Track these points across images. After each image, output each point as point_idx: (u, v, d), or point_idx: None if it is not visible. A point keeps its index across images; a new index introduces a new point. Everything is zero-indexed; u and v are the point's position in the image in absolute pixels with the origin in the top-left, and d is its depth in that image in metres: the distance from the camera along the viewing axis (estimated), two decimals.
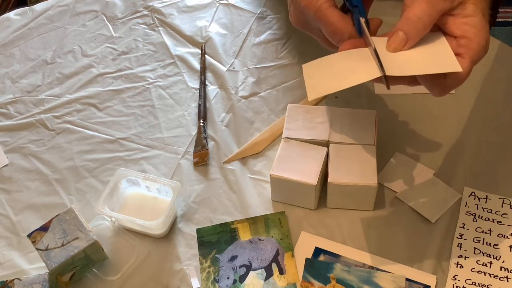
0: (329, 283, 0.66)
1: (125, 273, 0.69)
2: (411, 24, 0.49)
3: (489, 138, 0.78)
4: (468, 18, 0.48)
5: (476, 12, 0.48)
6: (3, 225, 0.76)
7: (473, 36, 0.48)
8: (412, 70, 0.49)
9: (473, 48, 0.49)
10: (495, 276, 0.65)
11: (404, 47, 0.50)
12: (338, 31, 0.55)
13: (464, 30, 0.49)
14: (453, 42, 0.50)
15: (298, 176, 0.69)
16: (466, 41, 0.49)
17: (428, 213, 0.71)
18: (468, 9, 0.48)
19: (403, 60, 0.50)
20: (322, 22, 0.56)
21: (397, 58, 0.50)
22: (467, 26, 0.48)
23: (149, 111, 0.87)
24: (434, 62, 0.50)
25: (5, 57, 0.98)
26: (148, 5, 1.03)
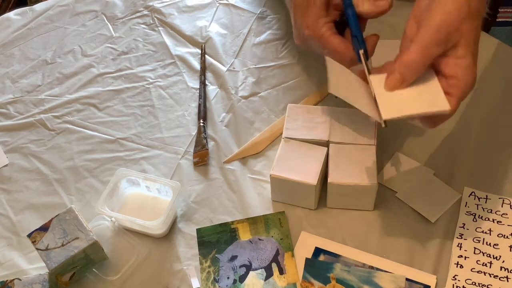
0: (329, 283, 0.66)
1: (125, 273, 0.69)
2: (407, 68, 0.55)
3: (489, 138, 0.78)
4: (459, 60, 0.53)
5: (466, 55, 0.53)
6: (3, 225, 0.76)
7: (461, 76, 0.53)
8: (406, 111, 0.55)
9: (461, 87, 0.54)
10: (495, 276, 0.65)
11: (400, 87, 0.56)
12: (342, 56, 0.61)
13: (455, 71, 0.54)
14: (444, 82, 0.55)
15: (298, 176, 0.69)
16: (455, 81, 0.54)
17: (428, 213, 0.71)
18: (459, 52, 0.53)
19: (397, 100, 0.56)
20: (327, 49, 0.62)
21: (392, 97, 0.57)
22: (457, 67, 0.53)
23: (149, 111, 0.87)
24: (426, 101, 0.55)
25: (5, 57, 0.98)
26: (148, 5, 1.03)
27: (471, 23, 0.53)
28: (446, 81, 0.55)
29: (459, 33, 0.53)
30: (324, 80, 0.88)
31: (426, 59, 0.54)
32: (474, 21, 0.53)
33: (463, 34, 0.53)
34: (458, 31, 0.53)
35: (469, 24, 0.53)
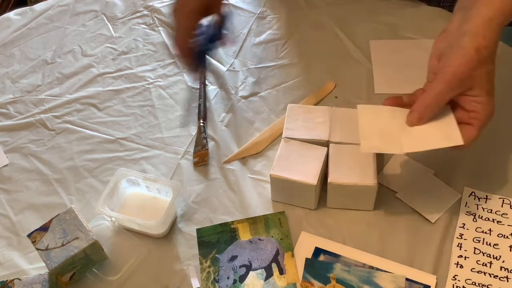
0: (329, 283, 0.66)
1: (125, 273, 0.69)
2: (425, 108, 0.63)
3: (489, 138, 0.78)
4: (475, 98, 0.61)
5: (481, 93, 0.60)
6: (3, 225, 0.76)
7: (480, 111, 0.61)
8: (424, 146, 0.64)
9: (481, 119, 0.62)
10: (495, 276, 0.65)
11: (418, 123, 0.64)
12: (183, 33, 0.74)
13: (473, 106, 0.61)
14: (465, 114, 0.63)
15: (298, 176, 0.69)
16: (475, 114, 0.62)
17: (428, 213, 0.71)
18: (475, 91, 0.61)
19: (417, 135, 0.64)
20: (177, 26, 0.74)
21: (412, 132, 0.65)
22: (475, 103, 0.61)
23: (149, 111, 0.87)
24: (442, 136, 0.63)
25: (5, 57, 0.98)
26: (148, 5, 1.03)
27: (482, 69, 0.60)
28: (467, 114, 0.62)
29: (472, 79, 0.60)
30: (324, 80, 0.88)
31: (441, 102, 0.63)
32: (485, 66, 0.60)
33: (475, 79, 0.60)
34: (471, 78, 0.60)
35: (480, 70, 0.60)
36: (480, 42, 0.59)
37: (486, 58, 0.60)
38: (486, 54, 0.60)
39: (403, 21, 0.93)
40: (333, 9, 0.98)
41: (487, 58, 0.60)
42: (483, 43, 0.59)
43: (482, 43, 0.59)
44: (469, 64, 0.59)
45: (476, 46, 0.59)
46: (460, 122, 0.63)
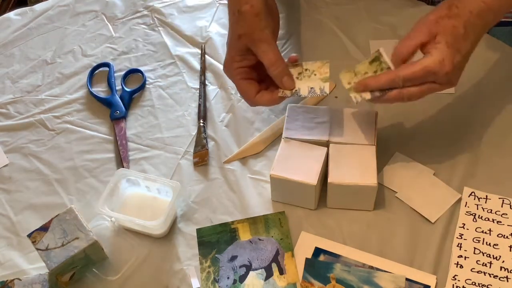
0: (329, 283, 0.66)
1: (125, 273, 0.69)
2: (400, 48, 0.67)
3: (489, 138, 0.78)
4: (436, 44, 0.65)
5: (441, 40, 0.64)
6: (3, 225, 0.76)
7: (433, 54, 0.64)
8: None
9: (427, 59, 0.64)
10: (495, 276, 0.65)
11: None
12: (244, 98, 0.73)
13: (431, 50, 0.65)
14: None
15: (298, 176, 0.69)
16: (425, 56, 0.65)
17: (428, 213, 0.71)
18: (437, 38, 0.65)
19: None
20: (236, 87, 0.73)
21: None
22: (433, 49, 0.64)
23: (149, 111, 0.87)
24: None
25: (5, 57, 0.98)
26: (148, 5, 1.03)
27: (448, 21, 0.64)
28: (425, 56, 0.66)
29: (438, 26, 0.65)
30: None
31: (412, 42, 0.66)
32: (452, 20, 0.64)
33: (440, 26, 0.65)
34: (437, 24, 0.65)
35: (447, 21, 0.65)
36: (453, 3, 0.65)
37: (455, 15, 0.65)
38: (455, 11, 0.65)
39: (403, 21, 0.93)
40: (333, 9, 0.98)
41: (455, 16, 0.65)
42: (456, 3, 0.65)
43: (455, 3, 0.65)
44: (437, 13, 0.66)
45: (449, 4, 0.66)
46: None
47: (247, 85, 0.71)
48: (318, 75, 0.71)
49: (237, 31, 0.69)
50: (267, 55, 0.68)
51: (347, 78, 0.69)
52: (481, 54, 0.89)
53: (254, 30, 0.68)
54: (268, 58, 0.68)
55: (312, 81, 0.70)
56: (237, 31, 0.69)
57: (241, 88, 0.72)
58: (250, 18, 0.68)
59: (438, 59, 0.64)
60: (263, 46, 0.68)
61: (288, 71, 0.70)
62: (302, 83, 0.71)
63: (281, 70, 0.69)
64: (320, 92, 0.70)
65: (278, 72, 0.69)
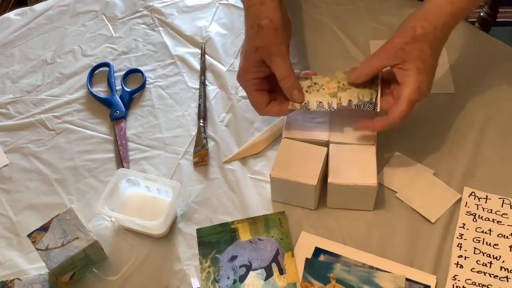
0: (329, 283, 0.66)
1: (125, 273, 0.69)
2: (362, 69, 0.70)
3: (489, 138, 0.78)
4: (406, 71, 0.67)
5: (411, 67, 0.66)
6: (3, 225, 0.76)
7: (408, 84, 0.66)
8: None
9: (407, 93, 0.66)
10: (495, 276, 0.65)
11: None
12: (256, 109, 0.75)
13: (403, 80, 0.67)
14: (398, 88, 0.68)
15: (298, 176, 0.69)
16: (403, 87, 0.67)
17: (428, 213, 0.71)
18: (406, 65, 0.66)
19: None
20: (248, 97, 0.75)
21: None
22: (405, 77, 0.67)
23: (149, 111, 0.87)
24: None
25: (5, 57, 0.98)
26: (148, 5, 1.03)
27: (415, 45, 0.66)
28: (399, 87, 0.68)
29: (404, 52, 0.66)
30: None
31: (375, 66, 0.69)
32: (418, 43, 0.66)
33: (407, 53, 0.66)
34: (402, 50, 0.66)
35: (413, 46, 0.66)
36: (418, 23, 0.66)
37: (420, 37, 0.65)
38: (420, 32, 0.65)
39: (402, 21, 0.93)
40: (333, 9, 0.98)
41: (420, 38, 0.65)
42: (421, 24, 0.66)
43: (420, 24, 0.66)
44: (402, 38, 0.66)
45: (413, 24, 0.66)
46: (395, 95, 0.69)
47: (259, 96, 0.74)
48: (327, 89, 0.72)
49: (254, 44, 0.71)
50: (280, 69, 0.71)
51: (341, 78, 0.72)
52: (481, 54, 0.89)
53: (272, 44, 0.70)
54: (281, 72, 0.71)
55: (320, 95, 0.72)
56: (255, 43, 0.71)
57: (253, 98, 0.74)
58: (269, 32, 0.70)
59: (415, 89, 0.66)
60: (278, 60, 0.70)
61: (298, 85, 0.72)
62: (311, 96, 0.72)
63: (291, 84, 0.71)
64: (328, 107, 0.72)
65: (289, 86, 0.71)
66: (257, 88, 0.73)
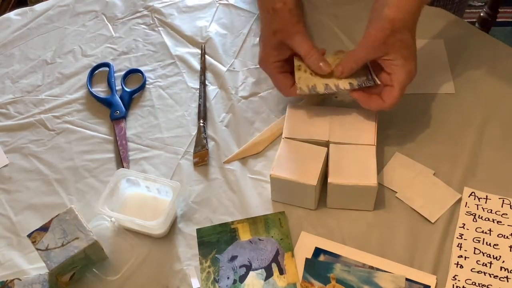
0: (329, 283, 0.66)
1: (125, 273, 0.69)
2: (347, 65, 0.72)
3: (489, 138, 0.78)
4: (392, 61, 0.69)
5: (397, 57, 0.69)
6: (3, 225, 0.76)
7: (397, 72, 0.69)
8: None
9: (398, 79, 0.69)
10: (495, 276, 0.65)
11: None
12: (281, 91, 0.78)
13: (392, 69, 0.70)
14: (387, 77, 0.71)
15: (298, 176, 0.69)
16: (394, 76, 0.70)
17: (428, 213, 0.71)
18: (391, 56, 0.69)
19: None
20: (272, 80, 0.78)
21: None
22: (393, 66, 0.69)
23: (149, 111, 0.87)
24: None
25: (5, 57, 0.98)
26: (148, 5, 1.03)
27: (395, 37, 0.68)
28: (389, 76, 0.70)
29: (386, 45, 0.68)
30: None
31: (360, 62, 0.71)
32: (398, 35, 0.68)
33: (389, 45, 0.68)
34: (385, 44, 0.68)
35: (393, 38, 0.68)
36: (395, 14, 0.68)
37: (400, 28, 0.68)
38: (399, 25, 0.68)
39: None
40: (333, 9, 0.98)
41: (400, 28, 0.68)
42: (398, 16, 0.67)
43: (397, 16, 0.67)
44: (383, 33, 0.68)
45: (391, 18, 0.68)
46: (384, 84, 0.71)
47: (283, 79, 0.76)
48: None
49: (272, 27, 0.73)
50: (302, 46, 0.73)
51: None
52: (481, 54, 0.89)
53: (288, 25, 0.73)
54: (304, 48, 0.73)
55: (327, 77, 0.73)
56: (272, 27, 0.73)
57: (278, 80, 0.77)
58: (284, 14, 0.73)
59: (405, 75, 0.69)
60: (298, 38, 0.73)
61: (323, 57, 0.73)
62: (317, 79, 0.73)
63: (316, 57, 0.73)
64: (336, 88, 0.72)
65: (314, 60, 0.73)
66: (279, 70, 0.76)
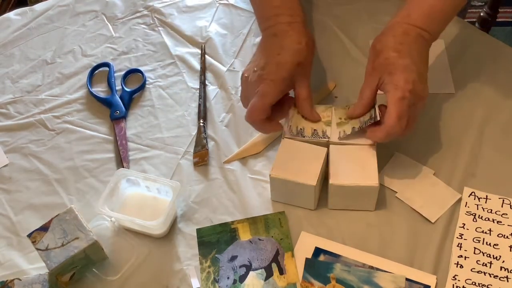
0: (329, 283, 0.66)
1: (125, 273, 0.69)
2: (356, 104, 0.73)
3: (489, 138, 0.78)
4: (383, 82, 0.69)
5: (383, 76, 0.69)
6: (3, 225, 0.76)
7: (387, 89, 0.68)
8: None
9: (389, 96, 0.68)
10: (495, 276, 0.65)
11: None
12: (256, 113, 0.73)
13: (384, 89, 0.69)
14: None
15: (298, 177, 0.69)
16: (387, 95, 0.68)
17: (428, 213, 0.71)
18: (381, 78, 0.69)
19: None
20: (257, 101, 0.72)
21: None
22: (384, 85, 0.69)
23: (149, 111, 0.87)
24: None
25: (5, 57, 0.98)
26: (148, 5, 1.03)
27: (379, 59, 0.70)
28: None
29: (376, 70, 0.70)
30: (324, 80, 0.88)
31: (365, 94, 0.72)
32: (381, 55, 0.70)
33: (377, 69, 0.70)
34: (374, 70, 0.70)
35: (378, 60, 0.70)
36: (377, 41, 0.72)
37: (381, 49, 0.70)
38: (379, 47, 0.70)
39: None
40: (333, 9, 0.98)
41: (381, 49, 0.70)
42: (379, 40, 0.72)
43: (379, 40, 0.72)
44: (371, 58, 0.71)
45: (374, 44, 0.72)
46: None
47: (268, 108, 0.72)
48: (322, 118, 0.74)
49: (298, 59, 0.73)
50: (306, 88, 0.73)
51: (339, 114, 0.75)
52: (481, 54, 0.89)
53: (308, 64, 0.75)
54: (306, 92, 0.73)
55: (315, 123, 0.74)
56: (298, 58, 0.73)
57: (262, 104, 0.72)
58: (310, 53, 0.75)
59: (394, 88, 0.67)
60: (306, 81, 0.74)
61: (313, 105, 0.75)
62: (306, 123, 0.74)
63: (311, 104, 0.74)
64: (322, 136, 0.73)
65: (309, 105, 0.74)
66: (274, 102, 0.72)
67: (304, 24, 0.76)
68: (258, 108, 0.70)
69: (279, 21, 0.76)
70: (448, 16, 0.73)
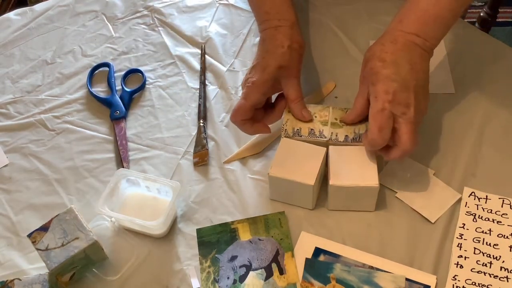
0: (329, 283, 0.66)
1: (125, 273, 0.69)
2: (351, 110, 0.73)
3: (489, 138, 0.78)
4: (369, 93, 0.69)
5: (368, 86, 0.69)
6: (3, 225, 0.76)
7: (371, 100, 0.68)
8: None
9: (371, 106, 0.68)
10: (495, 276, 0.65)
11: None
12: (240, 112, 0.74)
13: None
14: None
15: (296, 176, 0.69)
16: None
17: (428, 213, 0.71)
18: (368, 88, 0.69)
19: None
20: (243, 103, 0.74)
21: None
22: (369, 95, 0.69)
23: (149, 111, 0.87)
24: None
25: (5, 57, 0.98)
26: (148, 5, 1.03)
27: (366, 68, 0.70)
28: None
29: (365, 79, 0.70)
30: (324, 80, 0.88)
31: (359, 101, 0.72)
32: (367, 65, 0.70)
33: (366, 78, 0.70)
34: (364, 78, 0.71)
35: (365, 70, 0.71)
36: (367, 51, 0.72)
37: (368, 58, 0.70)
38: (367, 56, 0.71)
39: None
40: (333, 9, 0.98)
41: (368, 59, 0.70)
42: (369, 49, 0.72)
43: (369, 50, 0.72)
44: (361, 71, 0.72)
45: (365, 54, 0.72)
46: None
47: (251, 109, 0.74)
48: (318, 117, 0.75)
49: (279, 62, 0.74)
50: (294, 90, 0.74)
51: (335, 114, 0.75)
52: (481, 54, 0.89)
53: (294, 67, 0.75)
54: (295, 93, 0.74)
55: (312, 123, 0.74)
56: (279, 62, 0.74)
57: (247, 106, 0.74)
58: (296, 56, 0.76)
59: (374, 99, 0.67)
60: (294, 82, 0.75)
61: (305, 105, 0.75)
62: (303, 123, 0.74)
63: (302, 104, 0.75)
64: (319, 135, 0.73)
65: (299, 106, 0.74)
66: (259, 104, 0.75)
67: (292, 28, 0.77)
68: (240, 109, 0.73)
69: (269, 26, 0.78)
70: (446, 20, 0.72)
